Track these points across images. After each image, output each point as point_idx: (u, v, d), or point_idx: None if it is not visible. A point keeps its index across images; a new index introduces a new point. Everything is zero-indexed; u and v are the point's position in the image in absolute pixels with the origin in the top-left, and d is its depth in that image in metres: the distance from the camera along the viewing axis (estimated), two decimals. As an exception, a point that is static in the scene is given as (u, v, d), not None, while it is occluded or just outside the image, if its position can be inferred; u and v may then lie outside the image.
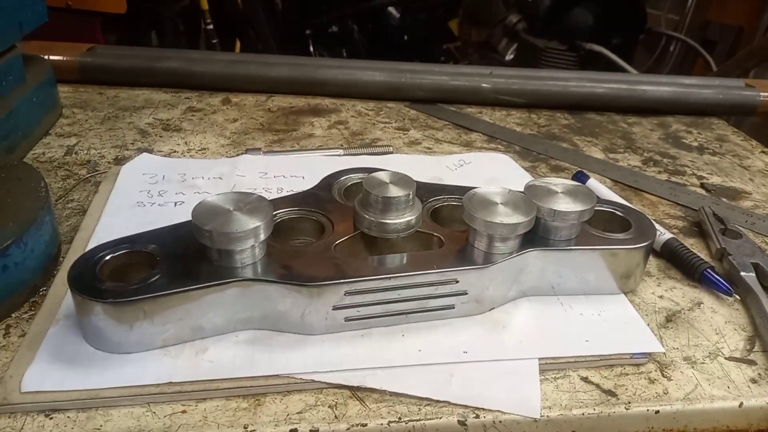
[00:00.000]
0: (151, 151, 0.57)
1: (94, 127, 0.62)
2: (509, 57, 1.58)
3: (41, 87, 0.59)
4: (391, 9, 1.91)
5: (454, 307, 0.37)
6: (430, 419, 0.31)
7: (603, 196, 0.51)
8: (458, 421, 0.32)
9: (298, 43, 1.76)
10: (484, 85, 0.73)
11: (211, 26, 1.38)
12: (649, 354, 0.36)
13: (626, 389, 0.34)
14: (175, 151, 0.58)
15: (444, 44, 1.95)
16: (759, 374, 0.36)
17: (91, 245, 0.41)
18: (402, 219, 0.38)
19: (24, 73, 0.57)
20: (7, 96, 0.54)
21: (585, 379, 0.35)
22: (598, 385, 0.34)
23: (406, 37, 1.95)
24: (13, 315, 0.36)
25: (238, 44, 1.64)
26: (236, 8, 1.54)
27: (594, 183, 0.54)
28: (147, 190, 0.49)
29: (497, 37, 1.66)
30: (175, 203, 0.47)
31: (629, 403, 0.33)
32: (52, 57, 0.69)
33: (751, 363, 0.36)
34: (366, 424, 0.31)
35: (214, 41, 1.40)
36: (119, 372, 0.32)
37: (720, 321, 0.40)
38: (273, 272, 0.35)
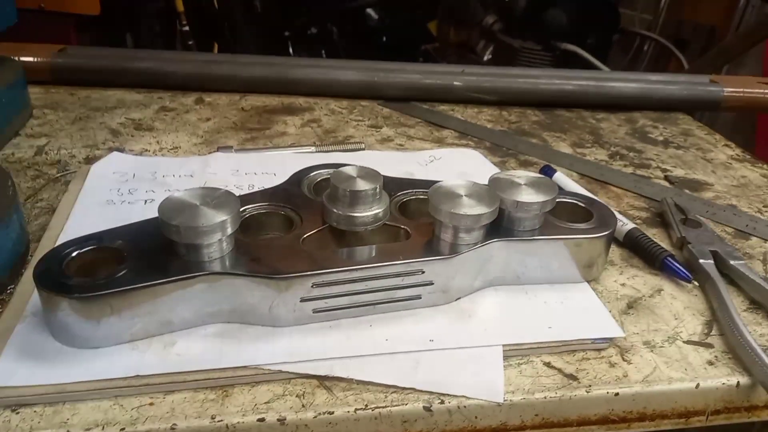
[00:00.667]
0: (122, 150, 0.57)
1: (65, 127, 0.62)
2: (487, 58, 1.60)
3: (11, 88, 0.59)
4: (370, 10, 1.92)
5: (420, 297, 0.38)
6: (396, 406, 0.32)
7: (569, 189, 0.52)
8: (423, 407, 0.32)
9: (277, 44, 1.76)
10: (456, 83, 0.74)
11: (186, 28, 1.38)
12: (610, 339, 0.37)
13: (587, 373, 0.35)
14: (147, 150, 0.58)
15: (423, 45, 1.97)
16: (715, 356, 0.37)
17: (60, 243, 0.41)
18: (369, 212, 0.39)
19: (-8, 73, 0.57)
20: (-26, 96, 0.54)
21: (548, 365, 0.35)
22: (560, 370, 0.35)
23: (384, 39, 1.96)
24: (-20, 313, 0.36)
25: (216, 47, 1.64)
26: (212, 10, 1.53)
27: (560, 176, 0.55)
28: (117, 189, 0.49)
29: (475, 38, 1.68)
30: (146, 201, 0.47)
31: (590, 386, 0.34)
32: (23, 58, 0.68)
33: (708, 346, 0.38)
34: (333, 412, 0.31)
35: (190, 43, 1.39)
36: (86, 366, 0.32)
37: (679, 307, 0.41)
38: (241, 266, 0.35)
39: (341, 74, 0.73)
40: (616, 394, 0.34)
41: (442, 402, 0.32)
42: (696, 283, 0.43)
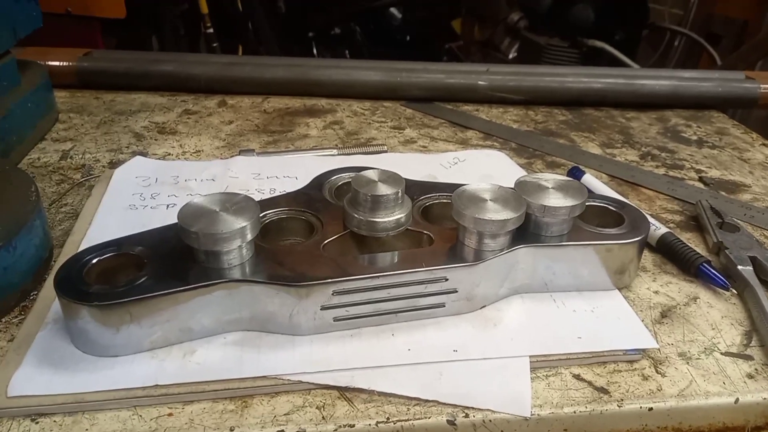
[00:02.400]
0: (145, 155, 0.57)
1: (89, 131, 0.62)
2: (512, 55, 1.58)
3: (37, 91, 0.60)
4: (393, 9, 1.91)
5: (444, 306, 0.37)
6: (419, 419, 0.31)
7: (598, 191, 0.50)
8: (447, 420, 0.31)
9: (300, 45, 1.76)
10: (480, 82, 0.72)
11: (211, 30, 1.38)
12: (643, 350, 0.36)
13: (619, 386, 0.33)
14: (169, 154, 0.58)
15: (446, 44, 1.95)
16: (756, 369, 0.35)
17: (82, 248, 0.41)
18: (391, 217, 0.38)
19: (19, 77, 0.58)
20: (1, 100, 0.54)
21: (577, 377, 0.34)
22: (590, 383, 0.34)
23: (408, 38, 1.95)
24: (3, 319, 0.36)
25: (240, 48, 1.65)
26: (236, 11, 1.54)
27: (589, 178, 0.53)
28: (140, 193, 0.49)
29: (499, 35, 1.65)
30: (167, 205, 0.47)
31: (622, 400, 0.33)
32: (49, 62, 0.69)
33: (748, 358, 0.36)
34: (354, 425, 0.31)
35: (215, 45, 1.40)
36: (106, 375, 0.32)
37: (716, 316, 0.39)
38: (261, 273, 0.34)
39: (364, 75, 0.72)
40: (650, 408, 0.33)
41: (467, 415, 0.31)
42: (734, 291, 0.41)
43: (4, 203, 0.39)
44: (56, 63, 0.70)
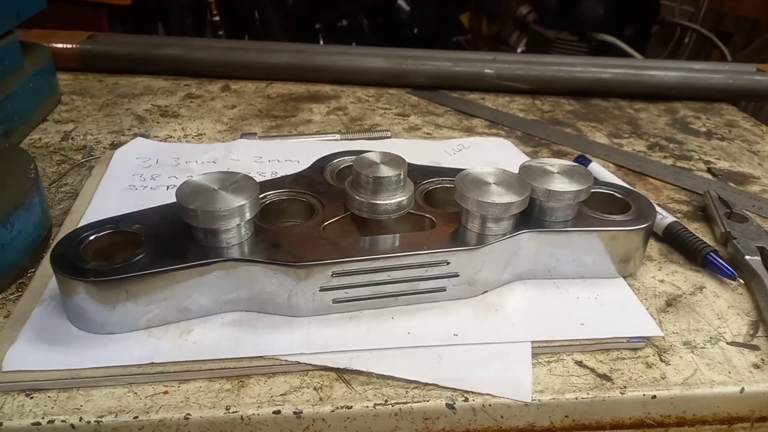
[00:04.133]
0: (146, 136, 0.56)
1: (92, 113, 0.62)
2: (520, 49, 1.57)
3: (39, 73, 0.59)
4: (401, 2, 1.90)
5: (445, 290, 0.36)
6: (418, 402, 0.31)
7: (605, 179, 0.50)
8: (446, 404, 0.31)
9: (307, 37, 1.75)
10: (487, 71, 0.71)
11: (217, 18, 1.38)
12: (647, 338, 0.35)
13: (622, 373, 0.33)
14: (171, 137, 0.57)
15: (454, 37, 1.94)
16: (762, 359, 0.34)
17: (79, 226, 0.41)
18: (393, 200, 0.37)
19: (22, 58, 0.57)
20: (3, 81, 0.54)
21: (579, 363, 0.33)
22: (592, 369, 0.33)
23: (416, 31, 1.93)
24: (0, 296, 0.36)
25: (246, 38, 1.64)
26: (244, 2, 1.53)
27: (596, 167, 0.52)
28: (140, 174, 0.48)
29: (508, 29, 1.64)
30: (167, 187, 0.47)
31: (625, 387, 0.32)
32: (53, 45, 0.68)
33: (754, 348, 0.35)
34: (351, 407, 0.30)
35: (221, 33, 1.39)
36: (101, 352, 0.32)
37: (723, 305, 0.38)
38: (259, 252, 0.34)
39: (368, 61, 0.72)
40: (653, 396, 0.32)
41: (466, 399, 0.31)
42: (741, 281, 0.40)
43: (3, 182, 0.39)
44: (60, 45, 0.70)
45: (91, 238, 0.34)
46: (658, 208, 0.44)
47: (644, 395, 0.32)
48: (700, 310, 0.38)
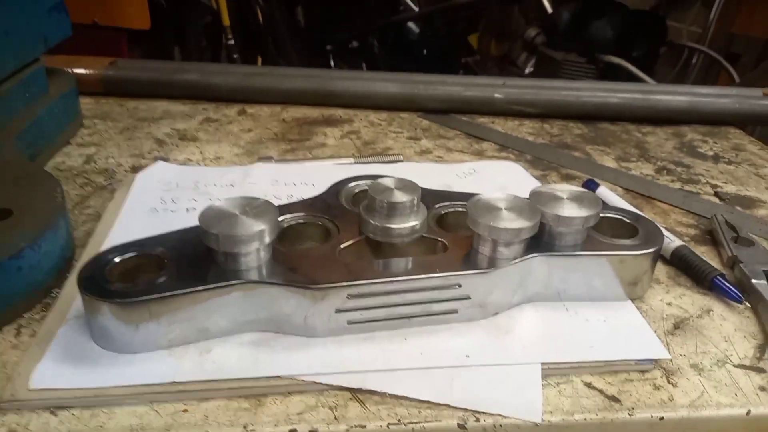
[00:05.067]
0: (166, 160, 0.58)
1: (113, 137, 0.64)
2: (528, 70, 1.59)
3: (64, 98, 0.61)
4: (411, 24, 1.93)
5: (457, 312, 0.37)
6: (430, 422, 0.31)
7: (613, 203, 0.51)
8: (458, 424, 0.31)
9: (319, 57, 1.78)
10: (496, 95, 0.73)
11: (232, 42, 1.41)
12: (655, 360, 0.36)
13: (630, 395, 0.34)
14: (190, 160, 0.59)
15: (463, 58, 1.96)
16: (769, 383, 0.35)
17: (104, 249, 0.42)
18: (407, 224, 0.38)
19: (47, 84, 0.59)
20: (31, 106, 0.56)
21: (588, 385, 0.34)
22: (601, 391, 0.34)
23: (425, 52, 1.96)
24: (26, 315, 0.37)
25: (260, 60, 1.67)
26: (257, 24, 1.57)
27: (604, 191, 0.53)
28: (161, 197, 0.50)
29: (516, 51, 1.66)
30: (187, 209, 0.48)
31: (633, 409, 0.33)
32: (76, 70, 0.71)
33: (761, 371, 0.36)
34: (365, 426, 0.31)
35: (236, 56, 1.42)
36: (124, 371, 0.33)
37: (729, 328, 0.39)
38: (277, 275, 0.35)
39: (381, 86, 0.73)
40: (661, 418, 0.33)
41: (477, 420, 0.32)
42: (748, 305, 0.41)
43: (32, 204, 0.40)
44: (83, 71, 0.72)
45: (116, 260, 0.36)
46: (665, 232, 0.45)
47: (652, 417, 0.33)
48: (708, 333, 0.39)
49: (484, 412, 0.32)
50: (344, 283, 0.35)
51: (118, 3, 1.10)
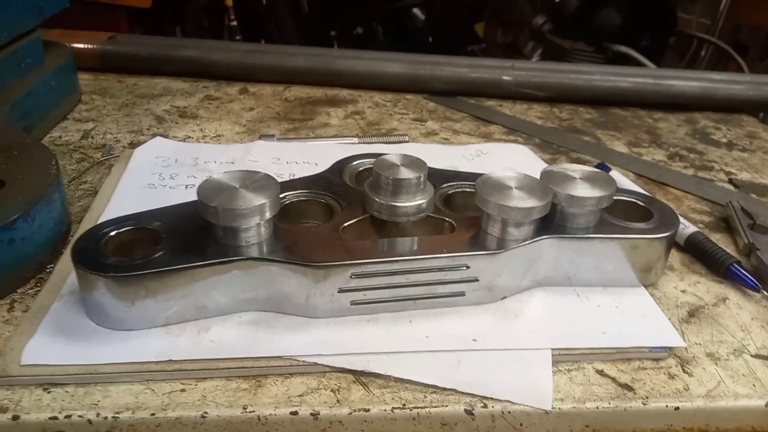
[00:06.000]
0: (165, 136, 0.56)
1: (111, 113, 0.62)
2: (535, 59, 1.57)
3: (60, 71, 0.60)
4: (416, 11, 1.90)
5: (464, 294, 0.36)
6: (436, 407, 0.30)
7: (625, 188, 0.49)
8: (465, 410, 0.30)
9: (322, 43, 1.76)
10: (505, 77, 0.71)
11: (234, 23, 1.39)
12: (670, 348, 0.34)
13: (644, 384, 0.32)
14: (189, 137, 0.58)
15: (469, 46, 1.94)
16: (787, 373, 0.34)
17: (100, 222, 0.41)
18: (413, 202, 0.37)
19: (44, 56, 0.58)
20: (25, 77, 0.54)
21: (600, 372, 0.33)
22: (614, 379, 0.33)
23: (430, 39, 1.93)
24: (19, 290, 0.36)
25: (262, 42, 1.65)
26: (260, 5, 1.54)
27: (616, 175, 0.52)
28: (159, 173, 0.48)
29: (523, 39, 1.64)
30: (186, 186, 0.47)
31: (647, 398, 0.31)
32: (74, 44, 0.69)
33: (779, 361, 0.34)
34: (369, 410, 0.30)
35: (238, 38, 1.40)
36: (119, 348, 0.32)
37: (746, 317, 0.38)
38: (278, 252, 0.34)
39: (386, 66, 0.72)
40: (676, 408, 0.31)
41: (485, 406, 0.30)
42: (765, 293, 0.40)
43: (25, 176, 0.39)
44: (81, 45, 0.70)
45: (112, 234, 0.35)
46: (679, 218, 0.43)
47: (667, 406, 0.31)
48: (723, 321, 0.37)
49: (492, 398, 0.31)
50: (347, 262, 0.34)
51: (118, -20, 1.08)
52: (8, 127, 0.46)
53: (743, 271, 0.40)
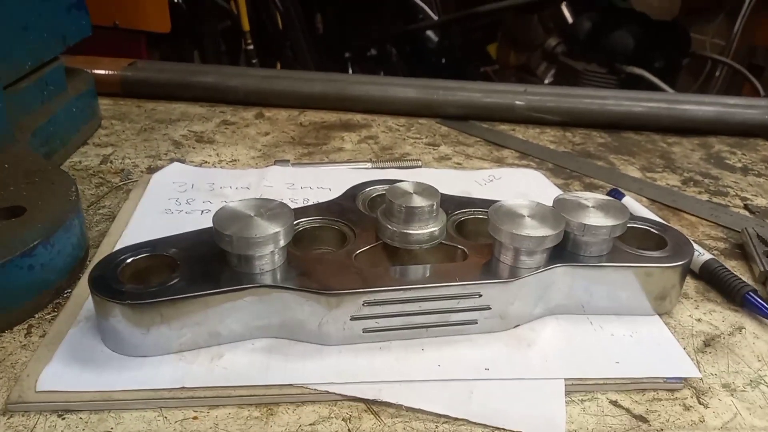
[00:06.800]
0: (182, 161, 0.57)
1: (130, 138, 0.63)
2: (548, 81, 1.57)
3: (82, 97, 0.61)
4: (430, 33, 1.92)
5: (476, 323, 0.36)
6: (448, 437, 0.30)
7: (639, 214, 0.49)
8: (477, 440, 0.30)
9: (337, 65, 1.78)
10: (517, 102, 0.72)
11: (251, 46, 1.41)
12: (685, 379, 0.34)
13: (659, 415, 0.32)
14: (206, 162, 0.58)
15: (482, 67, 1.95)
16: (806, 406, 0.33)
17: (117, 249, 0.41)
18: (425, 230, 0.37)
19: (66, 83, 0.59)
20: (48, 104, 0.56)
21: (614, 403, 0.33)
22: (628, 410, 0.32)
23: (443, 60, 1.95)
24: (37, 315, 0.37)
25: (278, 65, 1.67)
26: (276, 30, 1.57)
27: (630, 201, 0.52)
28: (176, 198, 0.49)
29: (536, 60, 1.65)
30: (202, 211, 0.48)
31: (662, 430, 0.31)
32: (95, 71, 0.71)
33: (798, 393, 0.34)
34: (380, 439, 0.30)
35: (254, 61, 1.42)
36: (133, 375, 0.32)
37: (763, 347, 0.37)
38: (292, 279, 0.34)
39: (400, 91, 0.72)
40: (692, 440, 0.31)
41: (498, 436, 0.30)
42: (782, 323, 0.39)
43: (45, 202, 0.40)
44: (102, 72, 0.72)
45: (129, 261, 0.35)
46: (694, 245, 0.43)
47: (682, 439, 0.31)
48: (740, 351, 0.37)
49: (504, 429, 0.30)
50: (360, 290, 0.34)
51: (138, 6, 1.11)
52: (30, 154, 0.47)
53: (760, 300, 0.39)
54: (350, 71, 1.81)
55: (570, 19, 1.55)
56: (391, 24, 1.86)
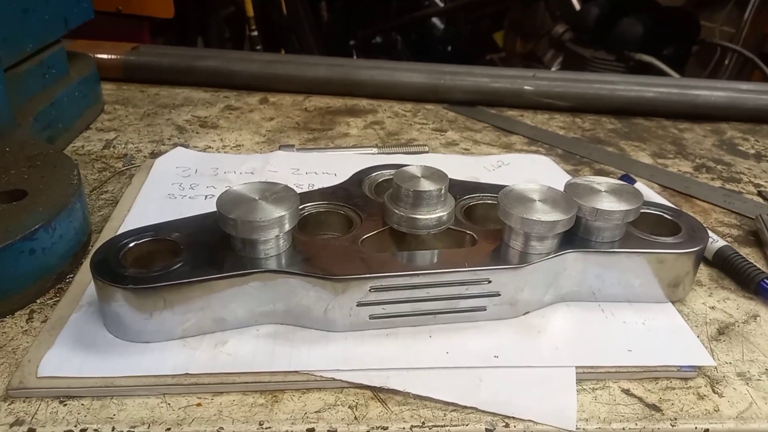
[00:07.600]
0: (186, 146, 0.57)
1: (133, 122, 0.63)
2: (555, 68, 1.55)
3: (84, 82, 0.60)
4: (436, 20, 1.90)
5: (485, 309, 0.35)
6: (456, 426, 0.29)
7: (651, 200, 0.48)
8: (486, 429, 0.29)
9: (342, 53, 1.77)
10: (526, 87, 0.70)
11: (255, 33, 1.40)
12: (699, 367, 0.33)
13: (672, 404, 0.31)
14: (210, 147, 0.58)
15: (488, 55, 1.93)
16: (824, 395, 0.32)
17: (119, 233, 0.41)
18: (433, 215, 0.36)
19: (68, 67, 0.59)
20: (50, 88, 0.55)
21: (626, 392, 0.32)
22: (641, 399, 0.31)
23: (449, 48, 1.93)
24: (38, 300, 0.36)
25: (282, 52, 1.66)
26: (281, 16, 1.55)
27: (641, 187, 0.51)
28: (179, 183, 0.49)
29: (543, 48, 1.63)
30: (206, 196, 0.47)
31: (675, 419, 0.30)
32: (98, 55, 0.70)
33: (815, 382, 0.33)
34: (387, 428, 0.29)
35: (258, 48, 1.41)
36: (136, 361, 0.31)
37: (779, 336, 0.36)
38: (297, 264, 0.33)
39: (406, 76, 0.71)
40: (706, 430, 0.30)
41: (507, 425, 0.30)
42: (799, 311, 0.38)
43: (47, 186, 0.39)
44: (104, 56, 0.71)
45: (131, 245, 0.34)
46: (708, 232, 0.42)
47: (696, 428, 0.30)
48: (755, 339, 0.36)
49: (514, 417, 0.30)
50: (366, 275, 0.33)
51: (142, -9, 1.10)
52: (32, 138, 0.46)
53: (775, 288, 0.39)
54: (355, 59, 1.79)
55: (577, 6, 1.53)
56: (397, 12, 1.85)
